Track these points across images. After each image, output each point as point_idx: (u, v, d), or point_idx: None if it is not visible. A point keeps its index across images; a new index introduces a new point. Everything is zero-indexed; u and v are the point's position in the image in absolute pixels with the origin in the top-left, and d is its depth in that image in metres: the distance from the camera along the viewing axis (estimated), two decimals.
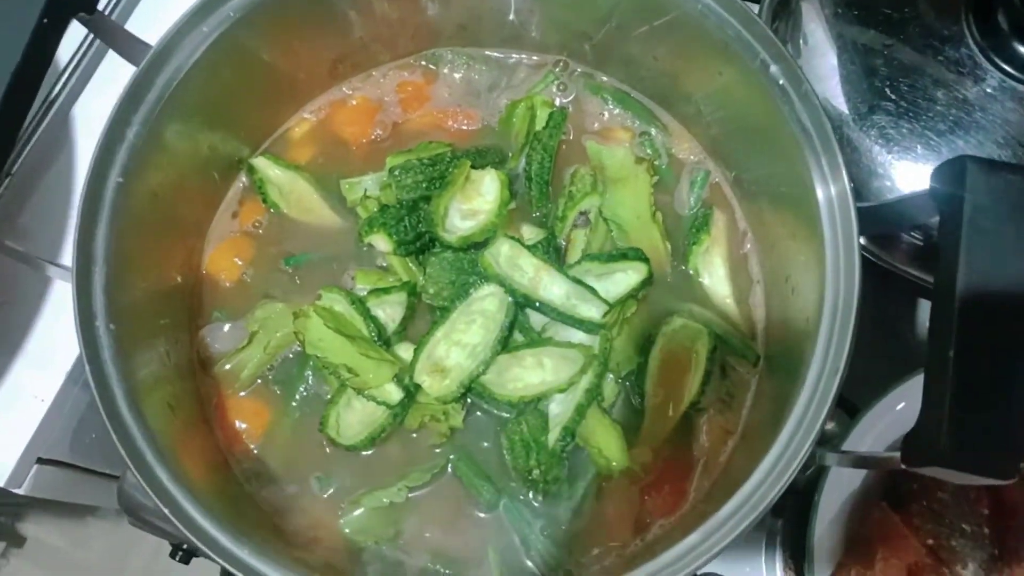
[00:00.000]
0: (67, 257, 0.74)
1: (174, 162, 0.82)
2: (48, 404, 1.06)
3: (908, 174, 0.95)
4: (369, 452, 0.86)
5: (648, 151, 0.95)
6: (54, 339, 1.06)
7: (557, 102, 0.97)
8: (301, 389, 0.88)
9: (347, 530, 0.84)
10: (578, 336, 0.85)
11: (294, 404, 0.88)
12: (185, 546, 1.06)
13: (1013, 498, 0.89)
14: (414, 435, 0.87)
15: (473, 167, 0.89)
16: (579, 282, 0.85)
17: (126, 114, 0.76)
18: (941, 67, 0.98)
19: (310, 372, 0.89)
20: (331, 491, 0.86)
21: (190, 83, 0.79)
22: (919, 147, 0.97)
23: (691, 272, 0.91)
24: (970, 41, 0.97)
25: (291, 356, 0.90)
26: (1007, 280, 0.64)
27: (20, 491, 1.08)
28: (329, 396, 0.87)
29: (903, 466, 0.65)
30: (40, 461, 1.10)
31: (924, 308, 1.09)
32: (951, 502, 0.88)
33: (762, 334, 0.89)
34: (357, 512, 0.85)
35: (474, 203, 0.88)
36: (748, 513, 0.68)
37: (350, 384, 0.83)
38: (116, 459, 1.24)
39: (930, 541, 0.87)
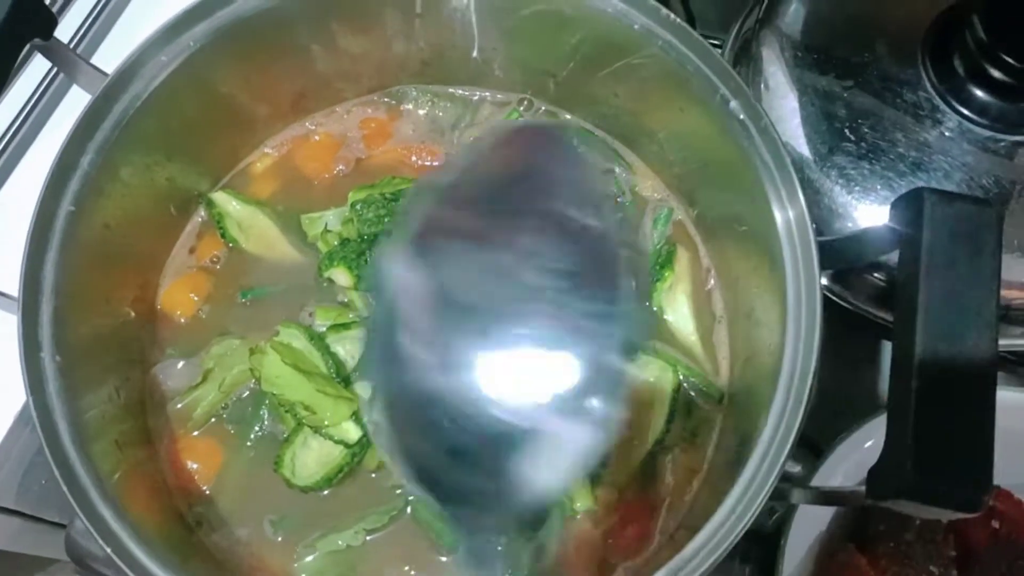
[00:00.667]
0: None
1: (129, 193, 0.80)
2: None
3: (869, 214, 0.96)
4: (325, 493, 0.83)
5: (612, 189, 0.95)
6: (3, 380, 1.03)
7: None
8: (256, 428, 0.86)
9: (302, 575, 0.81)
10: None
11: (249, 444, 0.85)
12: None
13: (977, 540, 0.88)
14: (373, 475, 0.84)
15: None
16: None
17: (80, 142, 0.74)
18: (900, 110, 1.00)
19: (266, 411, 0.86)
20: (285, 534, 0.82)
21: (148, 112, 0.77)
22: (880, 187, 0.98)
23: (655, 309, 0.91)
24: (927, 85, 0.98)
25: (246, 394, 0.87)
26: (967, 312, 0.64)
27: None
28: (285, 435, 0.84)
29: (868, 501, 0.64)
30: None
31: (888, 350, 1.09)
32: (917, 544, 0.87)
33: (726, 371, 0.89)
34: (312, 556, 0.82)
35: None
36: (712, 551, 0.67)
37: (307, 422, 0.81)
38: (66, 507, 1.20)
39: None
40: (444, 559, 0.82)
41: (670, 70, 0.81)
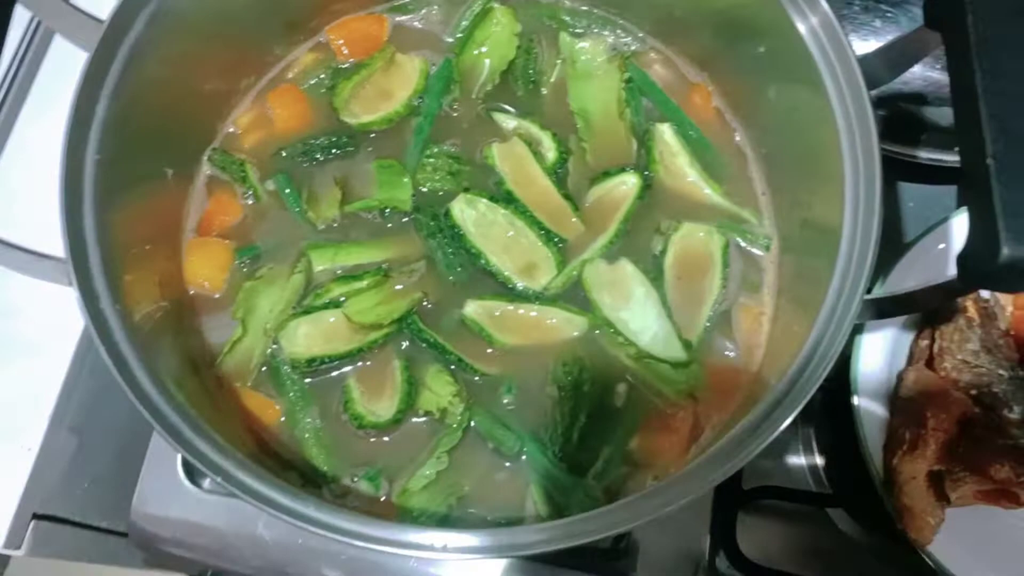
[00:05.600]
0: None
1: (148, 136, 0.77)
2: (35, 452, 0.98)
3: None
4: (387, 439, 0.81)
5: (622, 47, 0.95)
6: (30, 381, 0.99)
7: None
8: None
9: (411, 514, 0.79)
10: None
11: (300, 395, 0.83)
12: (209, 573, 0.99)
13: None
14: (419, 420, 0.82)
15: None
16: None
17: (92, 89, 0.70)
18: None
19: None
20: (377, 482, 0.80)
21: (156, 48, 0.74)
22: (877, 22, 0.99)
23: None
24: None
25: None
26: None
27: (20, 552, 1.00)
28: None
29: (961, 287, 0.64)
30: (36, 517, 1.02)
31: (903, 190, 1.10)
32: (982, 352, 0.88)
33: (771, 213, 0.88)
34: (409, 495, 0.79)
35: (391, 84, 0.91)
36: (810, 377, 0.67)
37: None
38: (112, 509, 1.16)
39: (973, 391, 0.86)
40: (508, 464, 0.81)
41: None
